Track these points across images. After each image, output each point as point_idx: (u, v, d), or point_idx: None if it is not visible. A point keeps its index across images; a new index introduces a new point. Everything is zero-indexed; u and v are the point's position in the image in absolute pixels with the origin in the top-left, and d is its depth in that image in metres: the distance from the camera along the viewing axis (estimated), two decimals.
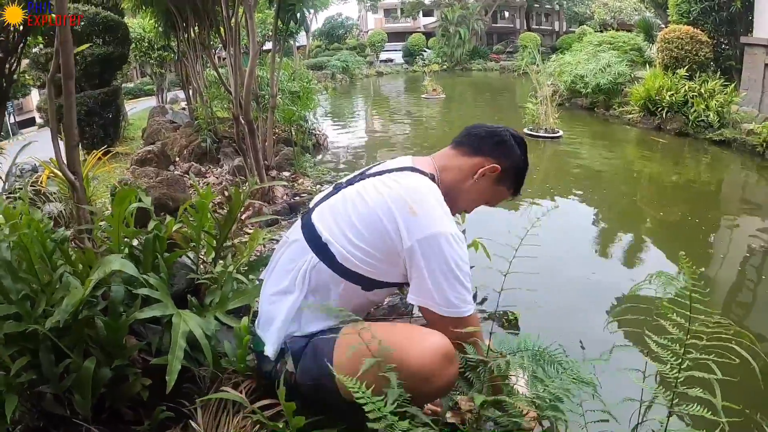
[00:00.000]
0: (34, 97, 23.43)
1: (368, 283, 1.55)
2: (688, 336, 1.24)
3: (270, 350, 1.58)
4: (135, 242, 2.08)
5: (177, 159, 7.31)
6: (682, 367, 1.24)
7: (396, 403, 1.21)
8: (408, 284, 1.54)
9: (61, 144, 2.35)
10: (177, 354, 1.47)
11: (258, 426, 1.50)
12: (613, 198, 6.78)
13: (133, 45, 11.48)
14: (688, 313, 1.25)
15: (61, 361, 1.60)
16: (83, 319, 1.63)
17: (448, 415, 1.65)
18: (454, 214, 1.65)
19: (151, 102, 19.99)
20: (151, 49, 13.28)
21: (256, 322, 1.71)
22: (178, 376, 1.48)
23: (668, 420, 1.26)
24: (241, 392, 1.59)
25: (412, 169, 1.62)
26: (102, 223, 2.68)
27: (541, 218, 1.41)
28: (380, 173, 1.63)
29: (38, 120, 21.53)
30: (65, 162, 2.00)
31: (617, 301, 3.57)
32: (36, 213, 2.06)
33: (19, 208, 1.87)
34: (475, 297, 1.79)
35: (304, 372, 1.52)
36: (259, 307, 1.70)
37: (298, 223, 1.68)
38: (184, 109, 13.26)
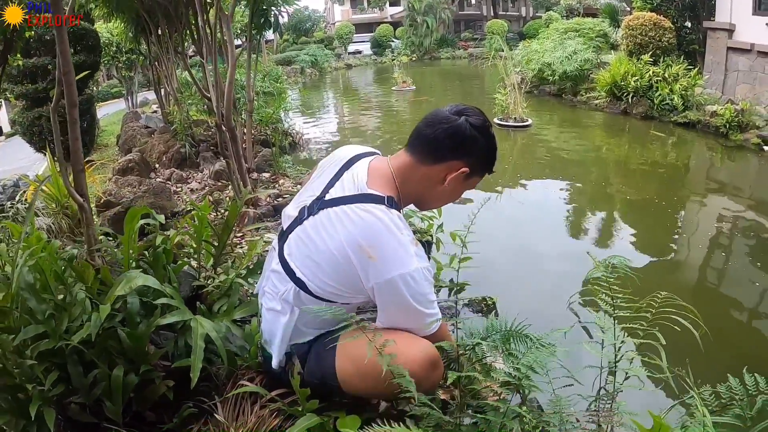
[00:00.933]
0: None
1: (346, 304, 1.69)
2: (615, 310, 1.46)
3: (275, 363, 1.74)
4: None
5: (157, 166, 7.39)
6: (618, 336, 1.48)
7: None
8: None
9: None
10: (199, 354, 1.64)
11: (275, 414, 1.69)
12: (584, 182, 7.05)
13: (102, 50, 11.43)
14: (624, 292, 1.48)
15: (89, 372, 1.76)
16: (105, 331, 1.79)
17: (440, 392, 1.86)
18: (423, 210, 1.79)
19: (120, 105, 19.77)
20: (119, 53, 13.21)
21: (260, 332, 1.86)
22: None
23: (617, 381, 1.49)
24: (256, 385, 1.78)
25: (368, 198, 1.57)
26: (101, 237, 2.83)
27: (481, 208, 1.55)
28: (338, 203, 1.60)
29: (6, 129, 21.30)
30: (72, 185, 2.15)
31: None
32: (42, 234, 2.20)
33: (34, 234, 2.02)
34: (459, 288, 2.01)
35: (310, 373, 1.69)
36: (260, 319, 1.85)
37: (277, 250, 1.75)
38: (155, 112, 13.23)
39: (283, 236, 1.74)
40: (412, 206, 1.80)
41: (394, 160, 1.69)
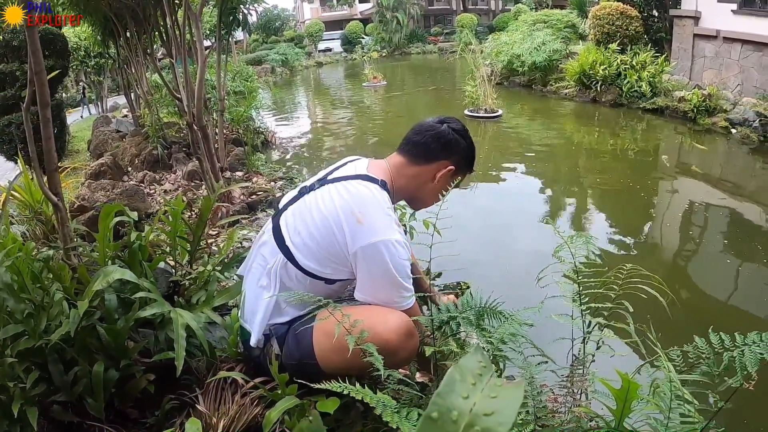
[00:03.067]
0: None
1: (329, 280, 1.77)
2: (580, 277, 1.52)
3: (254, 340, 1.79)
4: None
5: (129, 169, 7.33)
6: (584, 302, 1.53)
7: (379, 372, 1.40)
8: None
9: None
10: (181, 343, 1.67)
11: (256, 402, 1.71)
12: (555, 168, 7.14)
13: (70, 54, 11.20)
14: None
15: (69, 370, 1.77)
16: (84, 329, 1.79)
17: (418, 375, 1.90)
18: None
19: (91, 111, 19.49)
20: (88, 58, 13.01)
21: (240, 313, 1.91)
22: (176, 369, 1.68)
23: (587, 347, 1.54)
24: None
25: (365, 177, 1.77)
26: (76, 238, 2.81)
27: (449, 192, 1.60)
28: (338, 180, 1.78)
29: None
30: (46, 184, 2.13)
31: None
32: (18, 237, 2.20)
33: (9, 235, 2.01)
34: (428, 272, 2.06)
35: (288, 355, 1.74)
36: (243, 300, 1.89)
37: (270, 224, 1.87)
38: (126, 116, 13.08)
39: (280, 212, 1.86)
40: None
41: (390, 159, 1.91)
